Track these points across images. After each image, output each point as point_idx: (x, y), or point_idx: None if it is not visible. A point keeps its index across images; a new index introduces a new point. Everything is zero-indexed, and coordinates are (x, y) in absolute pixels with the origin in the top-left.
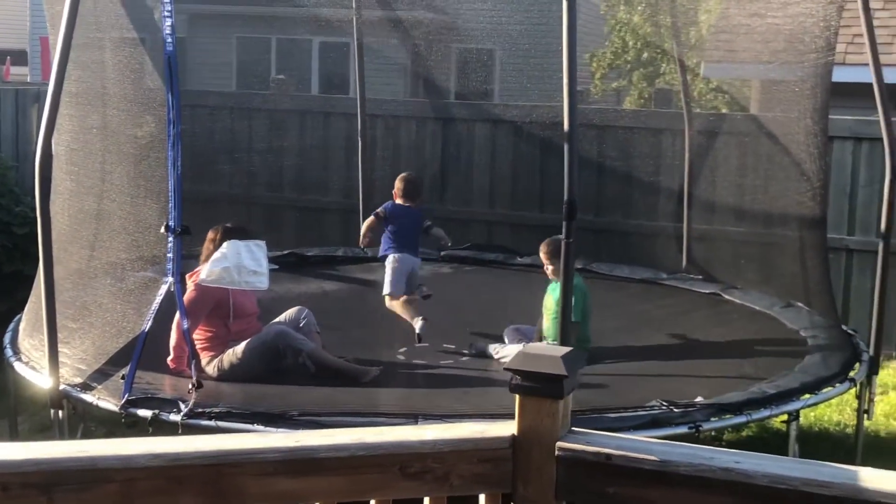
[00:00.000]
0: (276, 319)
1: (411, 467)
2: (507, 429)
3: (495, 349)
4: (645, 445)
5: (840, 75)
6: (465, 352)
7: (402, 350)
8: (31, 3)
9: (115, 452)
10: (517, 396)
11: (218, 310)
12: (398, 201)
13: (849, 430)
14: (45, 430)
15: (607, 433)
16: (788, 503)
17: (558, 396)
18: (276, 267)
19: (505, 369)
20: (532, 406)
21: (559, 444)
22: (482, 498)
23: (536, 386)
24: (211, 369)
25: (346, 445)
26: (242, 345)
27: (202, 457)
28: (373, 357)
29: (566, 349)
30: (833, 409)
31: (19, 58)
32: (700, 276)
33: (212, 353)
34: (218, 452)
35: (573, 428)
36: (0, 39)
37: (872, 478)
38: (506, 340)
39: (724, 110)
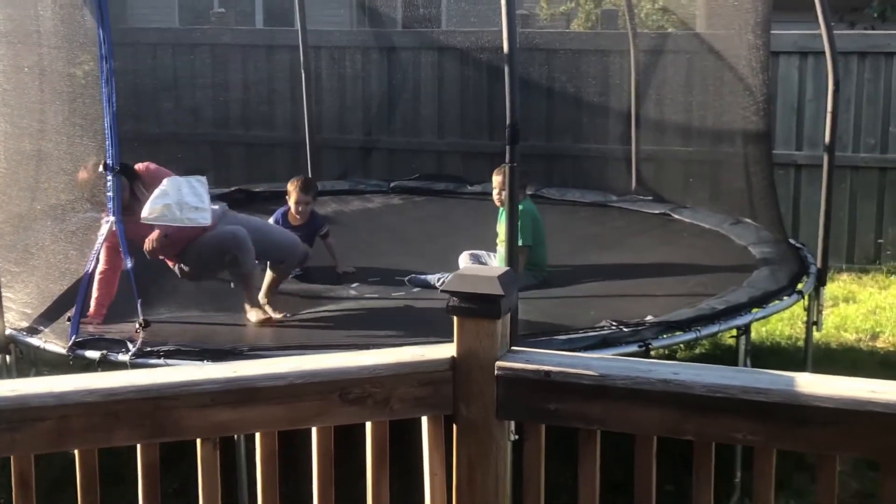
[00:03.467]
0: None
1: (351, 393)
2: (446, 351)
3: (439, 279)
4: (584, 361)
5: None
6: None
7: (354, 285)
8: None
9: (48, 390)
10: (455, 318)
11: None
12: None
13: (800, 344)
14: None
15: (546, 351)
16: (728, 411)
17: (495, 316)
18: (224, 203)
19: (441, 290)
20: (470, 327)
21: (498, 363)
22: (424, 420)
23: (473, 307)
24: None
25: (284, 374)
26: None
27: (138, 391)
28: (324, 291)
29: (502, 269)
30: (784, 324)
31: None
32: (650, 197)
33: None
34: (154, 386)
35: (513, 347)
36: None
37: (808, 382)
38: (461, 266)
39: (670, 30)
